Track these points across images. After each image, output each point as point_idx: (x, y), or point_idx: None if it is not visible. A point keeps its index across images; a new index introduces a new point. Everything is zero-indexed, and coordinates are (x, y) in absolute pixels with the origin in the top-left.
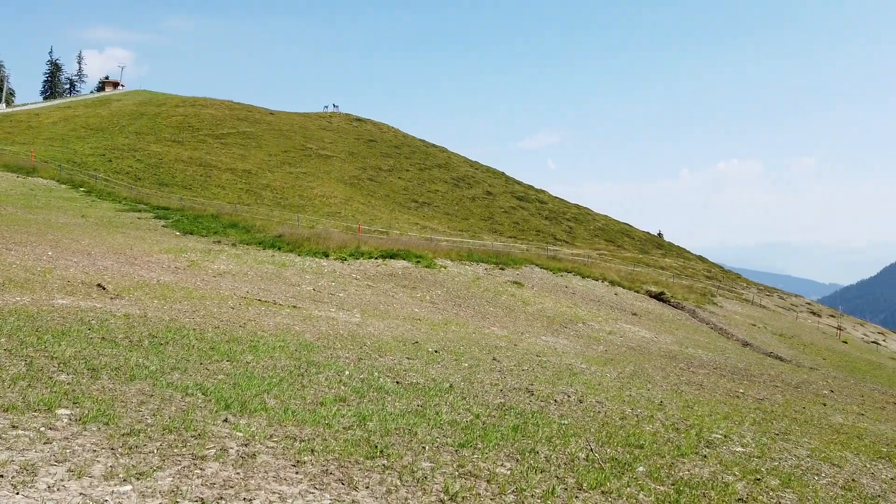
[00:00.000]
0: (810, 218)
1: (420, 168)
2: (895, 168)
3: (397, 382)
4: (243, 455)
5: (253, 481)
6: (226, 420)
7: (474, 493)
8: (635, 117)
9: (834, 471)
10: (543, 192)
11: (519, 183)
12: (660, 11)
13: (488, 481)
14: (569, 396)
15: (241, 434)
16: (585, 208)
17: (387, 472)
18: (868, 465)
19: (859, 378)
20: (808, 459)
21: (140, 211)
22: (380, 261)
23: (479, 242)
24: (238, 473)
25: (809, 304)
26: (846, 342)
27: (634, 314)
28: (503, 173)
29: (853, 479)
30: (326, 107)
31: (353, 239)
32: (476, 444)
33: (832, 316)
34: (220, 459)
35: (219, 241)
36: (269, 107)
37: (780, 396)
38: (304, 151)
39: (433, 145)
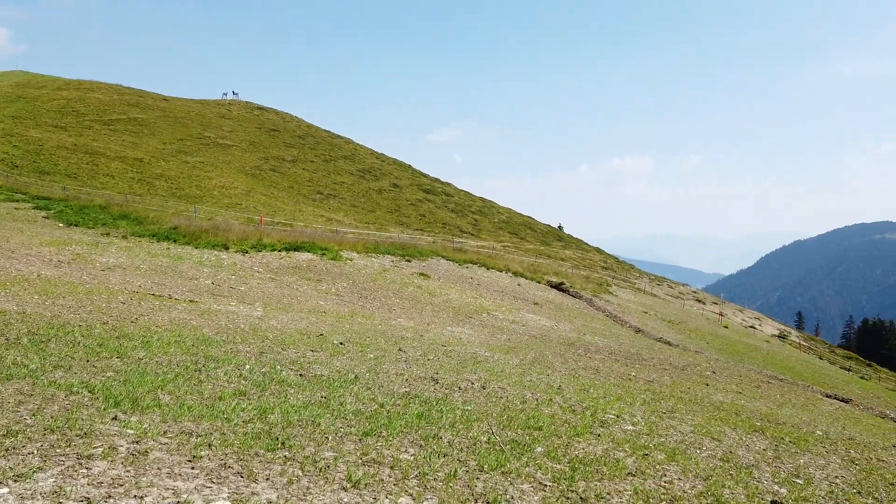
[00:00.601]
0: (696, 212)
1: (325, 159)
2: (768, 167)
3: (301, 375)
4: (134, 452)
5: (145, 478)
6: (115, 418)
7: (377, 479)
8: (538, 113)
9: (714, 444)
10: (450, 185)
11: (426, 176)
12: (562, 9)
13: (392, 467)
14: (472, 383)
15: (131, 431)
16: (490, 201)
17: (288, 463)
18: (744, 438)
19: (738, 359)
20: (692, 435)
21: (17, 201)
22: (283, 253)
23: (386, 235)
24: (128, 471)
25: (695, 292)
26: (727, 327)
27: (536, 304)
28: (410, 166)
29: (731, 451)
30: (225, 94)
31: (255, 231)
32: (380, 432)
33: (715, 303)
34: (109, 458)
35: (108, 234)
36: (162, 93)
37: (668, 378)
38: (201, 140)
39: (339, 136)
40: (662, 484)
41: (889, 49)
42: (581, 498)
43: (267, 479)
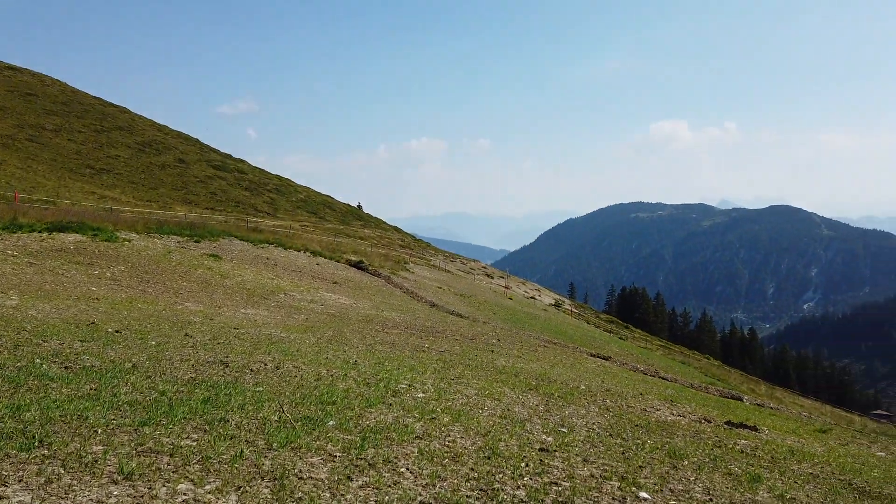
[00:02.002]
0: (487, 192)
1: (97, 130)
2: (546, 152)
3: (66, 368)
4: None
5: None
6: None
7: (154, 468)
8: (336, 91)
9: (494, 404)
10: (243, 161)
11: (216, 151)
12: None
13: (171, 455)
14: (265, 364)
15: None
16: (287, 180)
17: (47, 461)
18: (520, 397)
19: (520, 327)
20: (476, 397)
21: None
22: (45, 234)
23: (172, 214)
24: None
25: (485, 267)
26: (511, 298)
27: (335, 283)
28: (198, 140)
29: (508, 409)
30: None
31: (8, 210)
32: (160, 420)
33: (502, 277)
34: None
35: None
36: None
37: (458, 348)
38: None
39: (112, 105)
40: (446, 443)
41: (642, 49)
42: (369, 464)
43: (20, 481)
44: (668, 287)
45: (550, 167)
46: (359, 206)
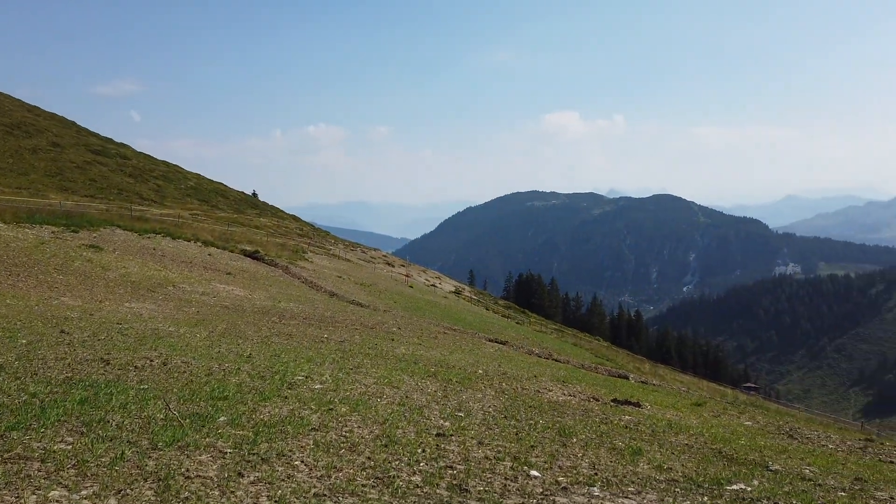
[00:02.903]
0: (387, 180)
1: None
2: (444, 140)
3: None
4: None
5: None
6: None
7: (23, 475)
8: (229, 73)
9: (393, 391)
10: (126, 146)
11: (95, 135)
12: None
13: (43, 461)
14: (151, 361)
15: None
16: (176, 166)
17: None
18: (419, 384)
19: (420, 315)
20: (375, 386)
21: None
22: None
23: (45, 202)
24: None
25: (385, 256)
26: (412, 287)
27: (229, 273)
28: (74, 123)
29: (407, 396)
30: None
31: None
32: (30, 424)
33: (402, 265)
34: None
35: None
36: None
37: (359, 337)
38: None
39: None
40: (343, 434)
41: (532, 42)
42: (262, 459)
43: None
44: (561, 273)
45: (450, 156)
46: (254, 194)
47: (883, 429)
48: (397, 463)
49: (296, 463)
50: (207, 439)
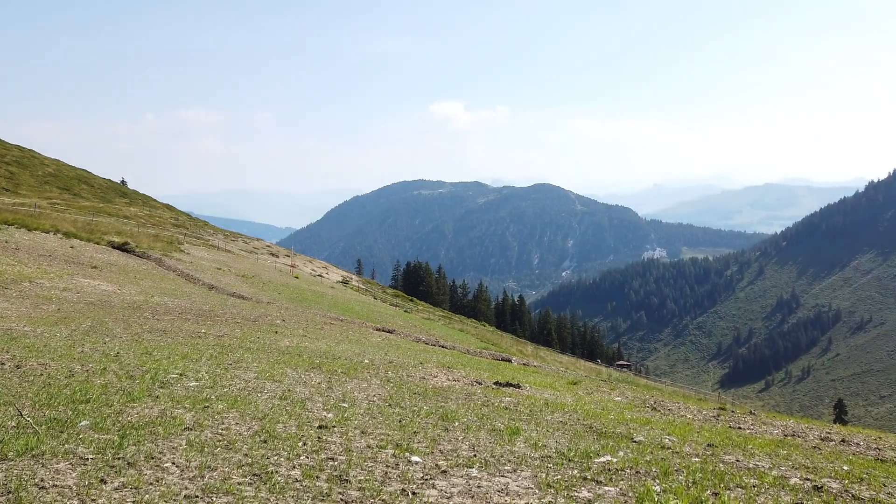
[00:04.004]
0: (270, 168)
1: None
2: (328, 127)
3: None
4: None
5: None
6: None
7: None
8: (92, 51)
9: (275, 386)
10: None
11: None
12: None
13: None
14: (2, 364)
15: None
16: (31, 151)
17: None
18: (303, 376)
19: (306, 306)
20: (255, 381)
21: None
22: None
23: None
24: None
25: (269, 246)
26: (298, 277)
27: (95, 267)
28: None
29: (289, 390)
30: None
31: None
32: None
33: (287, 256)
34: None
35: None
36: None
37: (239, 331)
38: None
39: None
40: (220, 432)
41: (412, 27)
42: (129, 463)
43: None
44: (449, 260)
45: (336, 144)
46: (122, 182)
47: (737, 398)
48: (276, 458)
49: (166, 465)
50: (66, 446)
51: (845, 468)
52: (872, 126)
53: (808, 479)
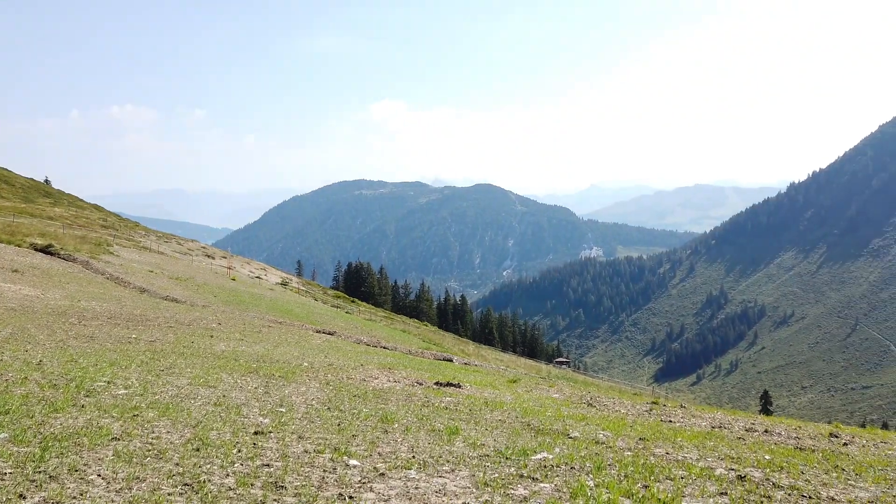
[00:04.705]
0: (205, 167)
1: None
2: (268, 126)
3: None
4: None
5: None
6: None
7: None
8: (11, 42)
9: (210, 391)
10: None
11: None
12: None
13: None
14: None
15: None
16: None
17: None
18: (239, 381)
19: (244, 309)
20: (188, 387)
21: None
22: None
23: None
24: None
25: (204, 247)
26: (235, 279)
27: (16, 271)
28: None
29: (224, 395)
30: None
31: None
32: None
33: (224, 257)
34: None
35: None
36: None
37: (173, 335)
38: None
39: None
40: (149, 441)
41: (353, 26)
42: (50, 476)
43: None
44: (391, 261)
45: (275, 143)
46: (46, 181)
47: (670, 391)
48: (209, 466)
49: (91, 477)
50: None
51: (767, 457)
52: (797, 130)
53: (732, 469)
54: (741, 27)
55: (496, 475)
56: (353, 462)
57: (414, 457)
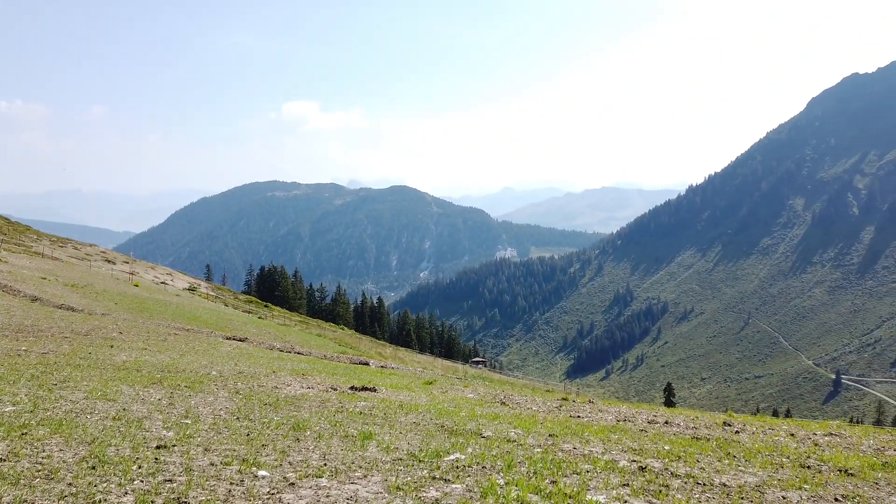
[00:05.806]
0: (104, 168)
1: None
2: (176, 123)
3: None
4: None
5: None
6: None
7: None
8: None
9: (108, 405)
10: None
11: None
12: None
13: None
14: None
15: None
16: None
17: None
18: (141, 393)
19: (148, 316)
20: (84, 401)
21: None
22: None
23: None
24: None
25: (104, 252)
26: (138, 285)
27: None
28: None
29: (124, 409)
30: None
31: None
32: None
33: (126, 262)
34: None
35: None
36: None
37: (68, 346)
38: None
39: None
40: (39, 461)
41: (264, 23)
42: None
43: None
44: (306, 264)
45: (181, 143)
46: None
47: (581, 387)
48: (106, 485)
49: None
50: None
51: (667, 448)
52: (696, 135)
53: (634, 461)
54: (645, 41)
55: (409, 479)
56: (262, 473)
57: (326, 464)
